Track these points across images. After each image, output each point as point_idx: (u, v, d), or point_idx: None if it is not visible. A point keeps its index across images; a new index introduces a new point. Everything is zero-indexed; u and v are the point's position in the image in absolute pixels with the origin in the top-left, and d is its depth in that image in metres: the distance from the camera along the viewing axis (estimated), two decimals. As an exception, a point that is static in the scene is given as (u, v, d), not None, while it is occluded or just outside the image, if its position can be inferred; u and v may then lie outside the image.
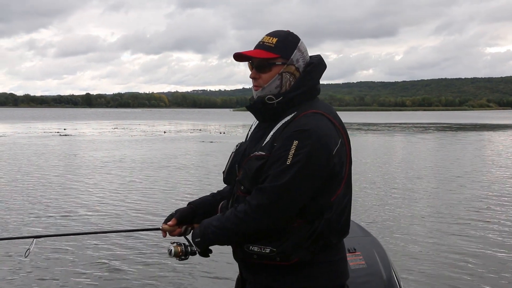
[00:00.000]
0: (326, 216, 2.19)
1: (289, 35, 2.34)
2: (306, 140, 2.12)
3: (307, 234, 2.17)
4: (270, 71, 2.30)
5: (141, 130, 44.55)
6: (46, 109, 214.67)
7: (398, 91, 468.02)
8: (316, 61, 2.36)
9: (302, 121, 2.19)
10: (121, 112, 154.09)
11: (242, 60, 2.38)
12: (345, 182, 2.26)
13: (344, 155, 2.25)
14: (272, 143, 2.21)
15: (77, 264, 6.50)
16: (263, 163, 2.19)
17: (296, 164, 2.11)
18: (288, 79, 2.30)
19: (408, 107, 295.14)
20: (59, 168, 16.96)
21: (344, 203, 2.26)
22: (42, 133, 38.43)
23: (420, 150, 24.81)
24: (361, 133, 42.26)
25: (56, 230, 7.95)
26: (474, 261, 6.95)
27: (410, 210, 10.20)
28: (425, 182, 14.09)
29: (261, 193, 2.14)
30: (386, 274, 2.87)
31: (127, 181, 14.14)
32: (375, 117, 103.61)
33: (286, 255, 2.16)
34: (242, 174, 2.28)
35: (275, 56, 2.29)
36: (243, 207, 2.19)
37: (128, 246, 7.38)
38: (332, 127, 2.22)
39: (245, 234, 2.19)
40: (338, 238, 2.28)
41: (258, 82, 2.33)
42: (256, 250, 2.20)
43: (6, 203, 10.49)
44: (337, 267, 2.29)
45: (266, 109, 2.31)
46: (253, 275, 2.31)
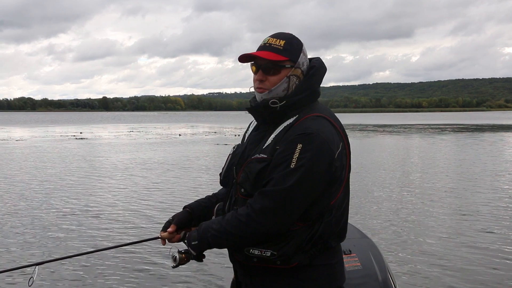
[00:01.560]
0: (326, 220, 2.19)
1: (294, 38, 2.33)
2: (310, 144, 2.11)
3: (307, 237, 2.16)
4: (279, 73, 2.27)
5: (156, 133, 44.72)
6: (63, 113, 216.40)
7: (414, 92, 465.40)
8: (317, 65, 2.34)
9: (305, 124, 2.18)
10: (137, 115, 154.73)
11: (246, 61, 2.35)
12: (344, 186, 2.26)
13: (344, 158, 2.25)
14: (274, 145, 2.20)
15: (83, 285, 6.33)
16: (265, 166, 2.18)
17: (300, 168, 2.09)
18: (295, 83, 2.29)
19: (424, 108, 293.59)
20: (68, 173, 17.07)
21: (343, 206, 2.26)
22: (58, 137, 38.74)
23: (432, 151, 24.61)
24: (376, 134, 42.07)
25: (65, 249, 7.71)
26: (471, 263, 6.92)
27: (413, 211, 10.15)
28: (435, 183, 13.98)
29: (265, 197, 2.12)
30: (381, 275, 2.87)
31: (138, 185, 14.20)
32: (391, 119, 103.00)
33: (286, 258, 2.16)
34: (243, 176, 2.25)
35: (285, 58, 2.26)
36: (245, 211, 2.16)
37: (131, 258, 7.25)
38: (334, 131, 2.22)
39: (247, 238, 2.17)
40: (337, 241, 2.28)
41: (264, 84, 2.30)
42: (257, 253, 2.18)
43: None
44: (334, 270, 2.28)
45: (268, 112, 2.29)
46: (250, 278, 2.30)
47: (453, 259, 7.10)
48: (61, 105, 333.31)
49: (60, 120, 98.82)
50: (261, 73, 2.30)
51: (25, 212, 10.22)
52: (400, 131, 48.59)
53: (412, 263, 6.94)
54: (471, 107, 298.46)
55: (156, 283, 6.31)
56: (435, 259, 7.09)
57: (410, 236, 8.26)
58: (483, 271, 6.59)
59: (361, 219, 9.41)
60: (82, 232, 8.60)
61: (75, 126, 63.39)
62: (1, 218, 9.63)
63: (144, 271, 6.73)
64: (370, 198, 11.61)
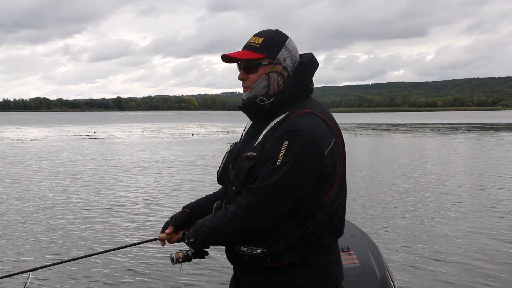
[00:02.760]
0: (317, 217, 2.16)
1: (277, 34, 2.32)
2: (297, 140, 2.09)
3: (298, 235, 2.14)
4: (257, 71, 2.28)
5: (169, 133, 44.88)
6: (78, 113, 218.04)
7: (429, 91, 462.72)
8: (307, 60, 2.32)
9: (293, 121, 2.16)
10: (151, 115, 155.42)
11: (230, 62, 2.37)
12: (338, 182, 2.23)
13: (337, 155, 2.22)
14: (264, 143, 2.20)
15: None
16: (254, 164, 2.17)
17: (286, 165, 2.08)
18: (276, 79, 2.28)
19: (439, 108, 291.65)
20: (76, 173, 17.18)
21: (337, 203, 2.23)
22: (72, 137, 39.05)
23: (446, 150, 24.45)
24: (390, 134, 41.91)
25: (77, 250, 7.73)
26: (469, 260, 6.90)
27: (412, 209, 10.10)
28: (447, 182, 13.90)
29: (251, 193, 2.12)
30: (380, 273, 2.86)
31: (150, 184, 14.27)
32: (405, 118, 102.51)
33: (277, 256, 2.14)
34: (234, 174, 2.26)
35: (261, 56, 2.26)
36: (233, 208, 2.17)
37: (131, 259, 7.22)
38: (325, 127, 2.19)
39: (235, 235, 2.17)
40: (331, 239, 2.24)
41: (246, 83, 2.32)
42: (247, 251, 2.18)
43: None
44: (329, 269, 2.26)
45: (258, 110, 2.29)
46: (246, 276, 2.30)
47: (452, 257, 7.07)
48: (75, 105, 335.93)
49: (75, 120, 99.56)
50: (242, 72, 2.32)
51: (28, 213, 10.31)
52: (414, 130, 48.36)
53: (411, 261, 6.92)
54: (486, 106, 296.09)
55: (159, 280, 6.35)
56: (434, 257, 7.07)
57: (412, 235, 8.22)
58: (482, 269, 6.56)
59: (366, 217, 9.39)
60: (94, 231, 8.67)
61: (89, 126, 63.81)
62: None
63: (146, 270, 6.75)
64: (379, 196, 11.56)
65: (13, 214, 9.97)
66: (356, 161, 20.03)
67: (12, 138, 36.74)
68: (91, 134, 43.00)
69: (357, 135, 40.10)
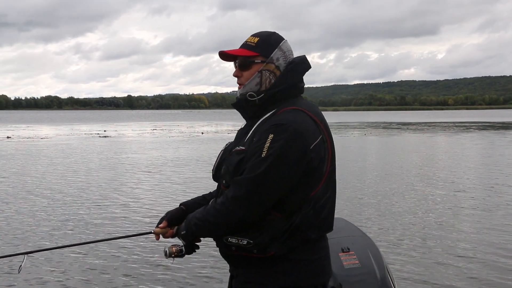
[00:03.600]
0: (304, 211, 2.21)
1: (272, 35, 2.42)
2: (282, 134, 2.17)
3: (283, 227, 2.20)
4: (251, 69, 2.38)
5: (179, 131, 45.02)
6: (88, 111, 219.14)
7: (440, 89, 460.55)
8: (298, 60, 2.42)
9: (280, 116, 2.25)
10: (161, 114, 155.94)
11: (227, 60, 2.46)
12: (326, 179, 2.29)
13: (324, 151, 2.28)
14: (252, 138, 2.29)
15: (71, 275, 6.39)
16: (243, 157, 2.25)
17: (270, 157, 2.15)
18: (268, 77, 2.37)
19: (450, 106, 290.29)
20: (81, 171, 17.28)
21: (324, 199, 2.28)
22: (83, 135, 39.27)
23: (454, 149, 24.35)
24: (400, 132, 41.80)
25: (68, 238, 7.92)
26: (468, 261, 6.86)
27: (413, 209, 10.06)
28: (455, 181, 13.84)
29: (237, 185, 2.20)
30: (380, 273, 2.86)
31: (156, 182, 14.33)
32: (415, 116, 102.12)
33: (262, 247, 2.20)
34: (224, 169, 2.35)
35: (255, 54, 2.37)
36: (221, 199, 2.25)
37: (124, 252, 7.33)
38: (311, 123, 2.26)
39: (223, 226, 2.24)
40: (318, 234, 2.29)
41: (240, 80, 2.42)
42: (234, 241, 2.24)
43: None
44: (315, 266, 2.30)
45: (248, 106, 2.40)
46: (236, 269, 2.38)
47: (452, 258, 7.04)
48: (86, 103, 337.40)
49: (85, 118, 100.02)
50: (237, 69, 2.43)
51: (36, 204, 10.39)
52: (424, 129, 48.20)
53: (411, 261, 6.90)
54: (498, 105, 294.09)
55: (156, 274, 6.42)
56: (435, 258, 7.04)
57: (416, 235, 8.20)
58: (484, 270, 6.52)
59: (371, 217, 9.38)
60: (99, 222, 8.73)
61: (100, 124, 64.07)
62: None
63: (144, 263, 6.85)
64: (386, 196, 11.54)
65: (20, 206, 10.06)
66: (365, 160, 20.01)
67: (22, 136, 37.01)
68: (101, 132, 43.20)
69: (367, 134, 40.04)
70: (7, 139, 34.28)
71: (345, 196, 11.49)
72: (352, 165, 18.05)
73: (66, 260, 6.87)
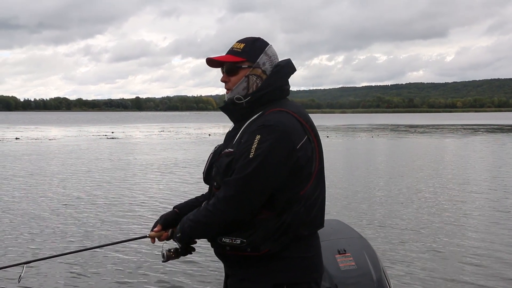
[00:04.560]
0: (295, 209, 2.28)
1: (257, 41, 2.51)
2: (268, 134, 2.24)
3: (275, 225, 2.26)
4: (238, 74, 2.46)
5: (186, 133, 45.12)
6: (97, 113, 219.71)
7: (448, 92, 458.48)
8: (283, 63, 2.50)
9: (266, 117, 2.33)
10: (169, 115, 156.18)
11: (215, 66, 2.54)
12: (315, 177, 2.36)
13: (311, 151, 2.35)
14: (240, 139, 2.36)
15: (70, 282, 6.39)
16: (232, 159, 2.32)
17: (257, 157, 2.23)
18: (255, 81, 2.45)
19: (459, 109, 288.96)
20: (84, 173, 17.35)
21: (314, 197, 2.35)
22: (90, 136, 39.45)
23: (460, 151, 24.28)
24: (407, 134, 41.71)
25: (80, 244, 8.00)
26: (468, 265, 6.85)
27: (413, 212, 10.05)
28: (461, 183, 13.81)
29: (227, 186, 2.27)
30: (376, 275, 2.89)
31: (161, 184, 14.37)
32: (423, 119, 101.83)
33: (255, 245, 2.26)
34: (214, 171, 2.43)
35: (242, 59, 2.45)
36: (212, 201, 2.32)
37: (121, 257, 7.34)
38: (297, 124, 2.33)
39: (216, 226, 2.31)
40: (309, 231, 2.36)
41: (228, 85, 2.49)
42: (228, 241, 2.31)
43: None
44: (309, 263, 2.37)
45: (236, 109, 2.46)
46: (231, 268, 2.44)
47: (451, 261, 7.04)
48: (95, 105, 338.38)
49: (93, 119, 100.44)
50: (225, 75, 2.51)
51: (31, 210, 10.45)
52: (432, 131, 48.06)
53: (407, 263, 6.91)
54: (507, 107, 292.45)
55: (155, 275, 6.47)
56: (432, 260, 7.05)
57: (413, 238, 8.20)
58: (478, 274, 6.52)
59: (372, 218, 9.39)
60: (102, 225, 8.78)
61: (108, 126, 64.34)
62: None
63: (140, 265, 6.91)
64: (386, 199, 11.53)
65: (24, 208, 10.13)
66: (370, 162, 19.99)
67: (31, 138, 37.22)
68: (109, 134, 43.37)
69: (374, 136, 39.99)
70: (16, 140, 34.48)
71: (345, 198, 11.50)
72: (356, 167, 18.05)
73: (62, 267, 6.84)
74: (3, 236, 8.36)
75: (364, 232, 8.41)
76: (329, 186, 13.27)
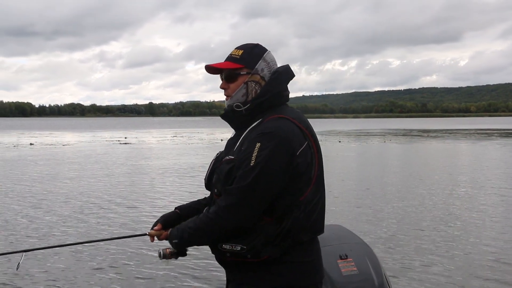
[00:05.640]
0: (294, 215, 2.29)
1: (256, 47, 2.51)
2: (268, 142, 2.25)
3: (275, 231, 2.28)
4: (237, 80, 2.46)
5: (199, 138, 45.24)
6: (110, 118, 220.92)
7: (462, 96, 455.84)
8: (281, 70, 2.50)
9: (266, 124, 2.33)
10: (182, 121, 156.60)
11: (214, 73, 2.54)
12: (314, 183, 2.36)
13: (311, 157, 2.35)
14: (241, 147, 2.37)
15: (72, 274, 6.58)
16: (232, 166, 2.33)
17: (258, 165, 2.24)
18: (254, 88, 2.46)
19: (472, 113, 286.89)
20: (92, 177, 17.45)
21: (314, 202, 2.36)
22: (104, 142, 39.68)
23: (473, 156, 24.12)
24: (420, 139, 41.51)
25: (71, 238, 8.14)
26: (470, 272, 6.79)
27: (417, 219, 10.00)
28: (474, 189, 13.73)
29: (229, 194, 2.28)
30: (378, 280, 2.90)
31: (172, 189, 14.43)
32: (436, 123, 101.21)
33: (256, 252, 2.28)
34: (215, 178, 2.44)
35: (240, 66, 2.45)
36: (214, 208, 2.33)
37: (120, 253, 7.49)
38: (297, 130, 2.34)
39: (217, 234, 2.32)
40: (309, 236, 2.37)
41: (227, 92, 2.50)
42: (228, 248, 2.32)
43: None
44: (308, 268, 2.38)
45: (236, 117, 2.47)
46: (232, 274, 2.46)
47: (454, 266, 7.00)
48: (108, 110, 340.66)
49: (107, 125, 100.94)
50: (224, 82, 2.51)
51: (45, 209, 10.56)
52: (445, 136, 47.79)
53: (410, 269, 6.87)
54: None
55: (156, 277, 6.54)
56: (438, 268, 7.00)
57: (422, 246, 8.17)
58: (482, 279, 6.48)
59: (375, 223, 9.37)
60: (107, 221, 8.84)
61: (121, 131, 64.64)
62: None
63: (136, 262, 7.06)
64: (394, 204, 11.50)
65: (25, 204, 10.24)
66: (381, 167, 19.92)
67: (45, 143, 37.54)
68: (122, 139, 43.60)
69: (387, 141, 39.84)
70: (30, 146, 34.80)
71: (352, 203, 11.48)
72: (367, 172, 18.01)
73: (63, 259, 7.10)
74: (15, 227, 8.47)
75: (369, 237, 8.41)
76: (337, 191, 13.29)
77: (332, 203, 11.38)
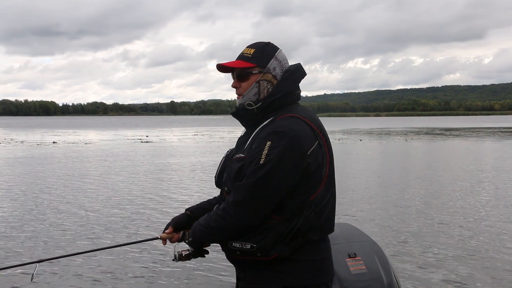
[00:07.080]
0: (305, 214, 2.29)
1: (267, 46, 2.50)
2: (279, 141, 2.25)
3: (285, 230, 2.28)
4: (249, 79, 2.46)
5: (220, 137, 45.34)
6: (132, 117, 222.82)
7: (486, 94, 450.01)
8: (293, 68, 2.49)
9: (277, 123, 2.33)
10: (203, 119, 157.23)
11: (225, 72, 2.55)
12: (325, 182, 2.36)
13: (322, 156, 2.35)
14: (251, 145, 2.37)
15: (81, 281, 6.51)
16: (243, 164, 2.34)
17: (268, 163, 2.23)
18: (266, 87, 2.45)
19: (496, 111, 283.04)
20: (106, 175, 17.58)
21: (324, 202, 2.36)
22: (125, 140, 39.99)
23: (496, 155, 23.81)
24: (442, 138, 41.11)
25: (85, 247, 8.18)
26: (479, 273, 6.68)
27: (427, 218, 9.90)
28: (490, 189, 13.57)
29: (237, 191, 2.29)
30: (387, 278, 2.90)
31: (192, 188, 14.50)
32: (459, 122, 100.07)
33: (265, 250, 2.28)
34: (225, 176, 2.45)
35: (252, 65, 2.45)
36: (223, 205, 2.35)
37: (133, 258, 7.45)
38: (308, 129, 2.33)
39: (226, 231, 2.33)
40: (319, 235, 2.37)
41: (239, 90, 2.50)
42: (238, 246, 2.33)
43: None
44: (318, 266, 2.38)
45: (247, 115, 2.47)
46: (242, 272, 2.47)
47: (460, 266, 6.94)
48: (131, 109, 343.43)
49: (129, 123, 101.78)
50: (235, 80, 2.51)
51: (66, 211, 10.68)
52: (467, 134, 47.26)
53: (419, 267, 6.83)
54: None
55: (168, 278, 6.56)
56: (444, 265, 6.95)
57: (428, 242, 8.10)
58: (491, 278, 6.42)
59: (393, 224, 9.32)
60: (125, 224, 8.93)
61: (143, 130, 65.09)
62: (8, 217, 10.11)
63: (154, 266, 7.01)
64: (410, 204, 11.42)
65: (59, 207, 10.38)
66: (401, 166, 19.79)
67: (68, 142, 37.99)
68: (144, 137, 43.91)
69: (408, 139, 39.54)
70: (53, 144, 35.25)
71: (368, 201, 11.43)
72: (386, 170, 17.91)
73: (77, 267, 7.00)
74: (34, 234, 8.59)
75: (379, 236, 8.36)
76: (353, 190, 13.23)
77: (347, 201, 11.35)
